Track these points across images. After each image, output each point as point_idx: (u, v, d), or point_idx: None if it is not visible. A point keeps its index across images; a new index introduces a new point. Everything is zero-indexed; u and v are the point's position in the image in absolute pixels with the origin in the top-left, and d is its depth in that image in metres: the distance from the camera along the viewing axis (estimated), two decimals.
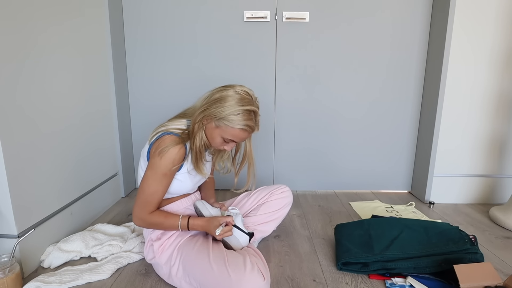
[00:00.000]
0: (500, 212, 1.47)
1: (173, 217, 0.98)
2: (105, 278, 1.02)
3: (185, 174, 1.00)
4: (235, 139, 0.95)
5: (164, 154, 0.90)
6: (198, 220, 0.99)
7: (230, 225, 0.98)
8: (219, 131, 0.94)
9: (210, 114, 0.93)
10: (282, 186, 1.26)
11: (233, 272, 0.83)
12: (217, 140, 0.96)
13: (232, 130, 0.93)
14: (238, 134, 0.94)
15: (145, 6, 1.68)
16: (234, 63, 1.74)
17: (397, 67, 1.74)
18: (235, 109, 0.91)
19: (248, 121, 0.93)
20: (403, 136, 1.83)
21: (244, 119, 0.92)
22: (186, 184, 1.02)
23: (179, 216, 0.98)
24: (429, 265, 0.99)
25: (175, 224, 0.97)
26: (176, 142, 0.92)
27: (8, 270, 0.91)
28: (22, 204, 1.03)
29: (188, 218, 0.98)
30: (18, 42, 1.01)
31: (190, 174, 1.01)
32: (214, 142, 0.97)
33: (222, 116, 0.91)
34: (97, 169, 1.50)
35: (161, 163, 0.91)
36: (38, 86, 1.10)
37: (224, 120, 0.92)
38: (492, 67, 1.58)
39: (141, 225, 0.99)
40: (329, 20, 1.69)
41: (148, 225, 0.98)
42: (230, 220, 0.98)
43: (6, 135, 0.96)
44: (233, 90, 0.94)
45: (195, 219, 0.99)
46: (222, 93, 0.93)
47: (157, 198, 0.95)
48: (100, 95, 1.53)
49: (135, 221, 0.99)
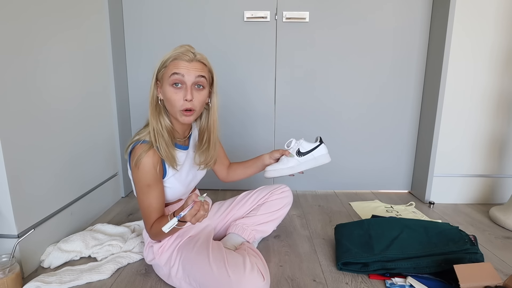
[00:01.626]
0: (500, 212, 1.47)
1: (163, 220, 0.90)
2: (105, 278, 1.02)
3: (171, 179, 0.98)
4: (176, 70, 0.88)
5: (139, 165, 0.88)
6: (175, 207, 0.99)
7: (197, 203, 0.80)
8: (165, 81, 0.90)
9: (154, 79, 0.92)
10: (282, 185, 1.26)
11: (233, 273, 0.83)
12: (169, 92, 0.89)
13: (169, 66, 0.89)
14: (175, 64, 0.88)
15: (145, 5, 1.68)
16: (234, 63, 1.74)
17: (397, 67, 1.74)
18: (167, 54, 0.91)
19: (179, 49, 0.90)
20: (403, 136, 1.83)
21: (174, 50, 0.90)
22: (176, 188, 1.00)
23: (167, 217, 0.89)
24: (429, 265, 0.99)
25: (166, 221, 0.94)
26: (146, 148, 0.89)
27: (8, 270, 0.91)
28: (22, 204, 1.02)
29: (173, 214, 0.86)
30: (17, 41, 1.01)
31: (176, 177, 0.99)
32: (171, 100, 0.90)
33: (158, 66, 0.91)
34: (97, 169, 1.50)
35: (140, 176, 0.89)
36: (38, 86, 1.10)
37: (161, 68, 0.91)
38: (492, 67, 1.58)
39: (156, 239, 0.97)
40: (329, 20, 1.69)
41: (156, 237, 0.94)
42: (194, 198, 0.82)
43: (6, 135, 0.96)
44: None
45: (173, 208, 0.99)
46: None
47: (154, 210, 0.93)
48: (100, 96, 1.53)
49: (151, 237, 0.97)
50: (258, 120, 1.81)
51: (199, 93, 0.92)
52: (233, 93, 1.77)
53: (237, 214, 1.21)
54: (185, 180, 1.02)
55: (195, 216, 0.81)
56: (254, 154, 1.85)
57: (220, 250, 0.93)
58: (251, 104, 1.79)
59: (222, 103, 1.76)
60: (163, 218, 0.92)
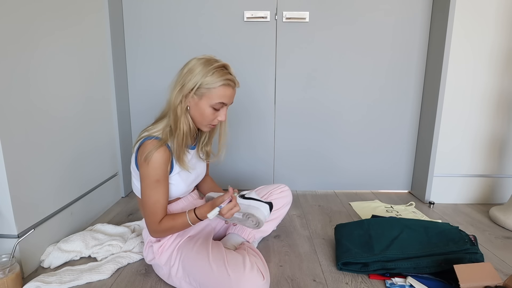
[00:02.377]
0: (500, 212, 1.47)
1: (180, 216, 0.94)
2: (105, 278, 1.02)
3: (176, 176, 0.99)
4: (223, 99, 0.92)
5: (149, 160, 0.89)
6: (203, 207, 0.93)
7: (234, 200, 0.90)
8: (205, 100, 0.91)
9: (187, 89, 0.90)
10: (281, 185, 1.26)
11: (233, 272, 0.83)
12: (207, 112, 0.93)
13: (216, 91, 0.90)
14: (223, 92, 0.91)
15: (145, 5, 1.68)
16: (234, 63, 1.74)
17: (397, 67, 1.74)
18: (207, 70, 0.89)
19: (226, 75, 0.91)
20: (403, 136, 1.83)
21: (221, 75, 0.90)
22: (179, 186, 1.01)
23: (185, 212, 0.94)
24: (429, 265, 0.99)
25: (185, 221, 0.93)
26: (157, 145, 0.89)
27: (8, 270, 0.91)
28: (22, 204, 1.03)
29: (194, 210, 0.93)
30: (17, 41, 1.01)
31: (181, 175, 1.00)
32: (205, 117, 0.94)
33: (199, 83, 0.89)
34: (97, 169, 1.50)
35: (149, 171, 0.89)
36: (38, 86, 1.10)
37: (204, 86, 0.90)
38: (492, 67, 1.58)
39: (159, 236, 0.96)
40: (329, 20, 1.69)
41: (163, 233, 0.95)
42: (231, 192, 0.90)
43: (6, 136, 0.96)
44: (195, 59, 0.93)
45: (200, 207, 0.93)
46: (188, 66, 0.92)
47: (160, 206, 0.93)
48: (100, 95, 1.53)
49: (152, 235, 0.96)
50: (258, 120, 1.81)
51: (226, 111, 0.98)
52: None
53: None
54: (188, 179, 1.03)
55: (230, 210, 0.88)
56: (253, 154, 1.85)
57: (219, 249, 0.93)
58: (251, 104, 1.79)
59: None
60: (176, 214, 0.94)
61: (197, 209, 0.94)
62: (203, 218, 0.93)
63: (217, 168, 1.85)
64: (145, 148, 0.90)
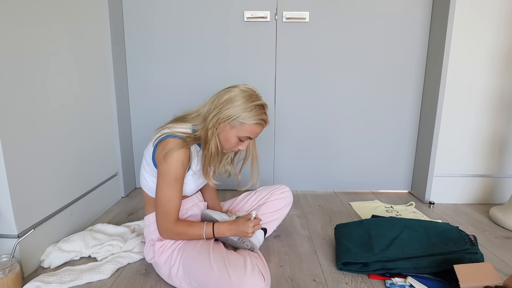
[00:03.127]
0: (500, 212, 1.47)
1: (197, 225, 0.97)
2: (105, 278, 1.02)
3: (190, 176, 1.00)
4: (251, 135, 0.97)
5: (170, 158, 0.90)
6: (224, 224, 0.99)
7: (258, 219, 1.01)
8: (235, 131, 0.95)
9: (223, 117, 0.93)
10: (282, 186, 1.26)
11: (234, 273, 0.83)
12: (232, 141, 0.97)
13: (248, 127, 0.95)
14: (254, 129, 0.96)
15: (145, 6, 1.68)
16: (234, 63, 1.74)
17: (397, 66, 1.74)
18: (247, 106, 0.93)
19: (262, 115, 0.96)
20: (403, 136, 1.83)
21: (257, 113, 0.94)
22: (189, 186, 1.02)
23: (203, 223, 0.97)
24: (429, 265, 0.99)
25: (200, 232, 0.96)
26: (181, 145, 0.91)
27: (8, 270, 0.91)
28: (22, 204, 1.02)
29: (213, 224, 0.98)
30: (17, 41, 1.01)
31: (193, 177, 1.02)
32: (228, 143, 0.98)
33: (236, 115, 0.93)
34: (97, 169, 1.50)
35: (170, 168, 0.91)
36: (38, 86, 1.10)
37: (239, 119, 0.93)
38: (492, 67, 1.58)
39: (168, 237, 0.97)
40: (329, 20, 1.69)
41: (174, 235, 0.96)
42: (256, 216, 1.01)
43: (6, 136, 0.96)
44: (239, 89, 0.95)
45: (220, 224, 0.99)
46: (230, 94, 0.94)
47: (175, 205, 0.94)
48: (100, 95, 1.53)
49: (161, 234, 0.96)
50: None
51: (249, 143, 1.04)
52: None
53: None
54: (198, 180, 1.05)
55: (254, 227, 0.98)
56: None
57: (221, 250, 0.93)
58: None
59: None
60: (193, 222, 0.99)
61: (216, 225, 0.98)
62: (218, 235, 0.99)
63: None
64: (167, 144, 0.91)
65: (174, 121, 1.02)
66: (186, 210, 1.07)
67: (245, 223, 0.97)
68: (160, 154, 0.91)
